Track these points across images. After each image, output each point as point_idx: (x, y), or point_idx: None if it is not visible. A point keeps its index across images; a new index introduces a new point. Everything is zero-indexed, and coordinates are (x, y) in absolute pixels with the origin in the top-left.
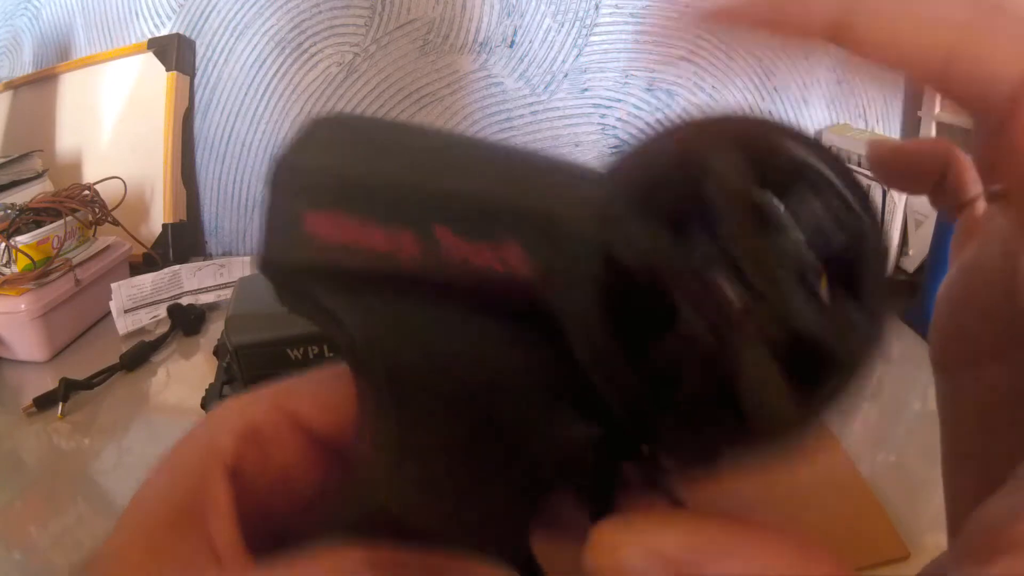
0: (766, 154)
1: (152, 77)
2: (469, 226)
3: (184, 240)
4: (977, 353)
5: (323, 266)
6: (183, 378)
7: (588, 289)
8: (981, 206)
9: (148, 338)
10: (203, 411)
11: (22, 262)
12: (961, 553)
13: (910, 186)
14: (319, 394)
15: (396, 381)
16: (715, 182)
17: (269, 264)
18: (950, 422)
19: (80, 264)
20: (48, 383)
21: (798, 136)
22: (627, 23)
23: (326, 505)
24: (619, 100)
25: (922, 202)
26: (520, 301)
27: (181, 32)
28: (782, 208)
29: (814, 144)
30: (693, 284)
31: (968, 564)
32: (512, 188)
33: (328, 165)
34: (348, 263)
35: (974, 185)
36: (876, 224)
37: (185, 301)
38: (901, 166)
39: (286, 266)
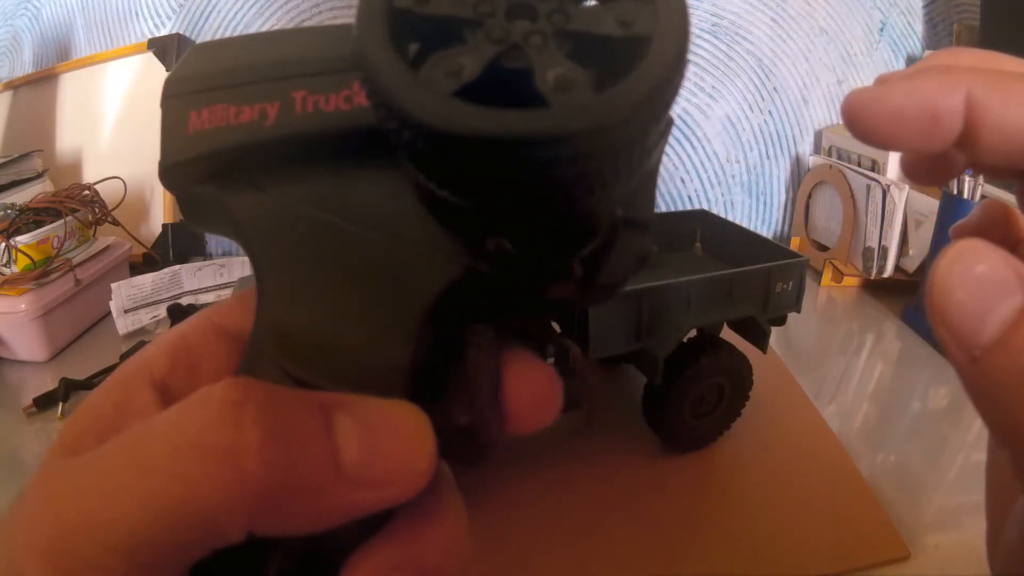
0: None
1: (152, 77)
2: (318, 83)
3: (184, 240)
4: None
5: (207, 152)
6: None
7: (379, 36)
8: None
9: (148, 338)
10: None
11: (22, 262)
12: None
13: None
14: (242, 301)
15: (275, 243)
16: None
17: (167, 171)
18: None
19: (80, 264)
20: (48, 383)
21: None
22: None
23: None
24: None
25: (922, 202)
26: (367, 130)
27: (181, 32)
28: None
29: None
30: (474, 17)
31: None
32: (349, 46)
33: (205, 72)
34: (225, 142)
35: None
36: None
37: (185, 301)
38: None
39: (179, 165)
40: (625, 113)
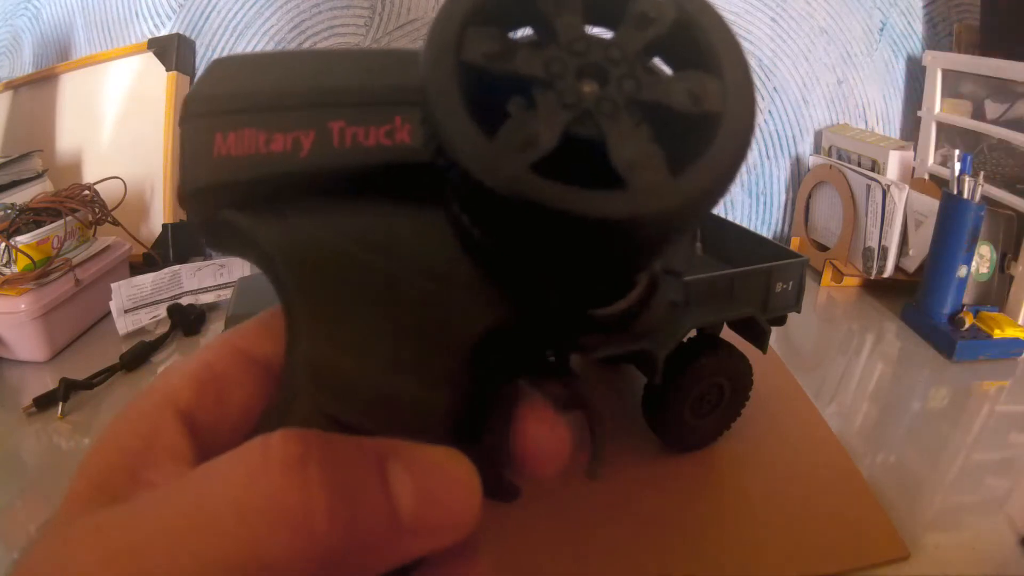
0: None
1: (152, 77)
2: (358, 114)
3: (184, 240)
4: None
5: (235, 181)
6: None
7: (451, 105)
8: None
9: (148, 338)
10: None
11: (22, 262)
12: None
13: None
14: (266, 325)
15: (309, 279)
16: None
17: (188, 195)
18: None
19: (80, 264)
20: (48, 383)
21: None
22: None
23: (260, 424)
24: None
25: (922, 202)
26: (410, 168)
27: (181, 32)
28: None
29: None
30: (545, 77)
31: None
32: (388, 75)
33: (230, 92)
34: (255, 172)
35: None
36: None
37: (185, 301)
38: None
39: (203, 191)
40: (699, 199)
